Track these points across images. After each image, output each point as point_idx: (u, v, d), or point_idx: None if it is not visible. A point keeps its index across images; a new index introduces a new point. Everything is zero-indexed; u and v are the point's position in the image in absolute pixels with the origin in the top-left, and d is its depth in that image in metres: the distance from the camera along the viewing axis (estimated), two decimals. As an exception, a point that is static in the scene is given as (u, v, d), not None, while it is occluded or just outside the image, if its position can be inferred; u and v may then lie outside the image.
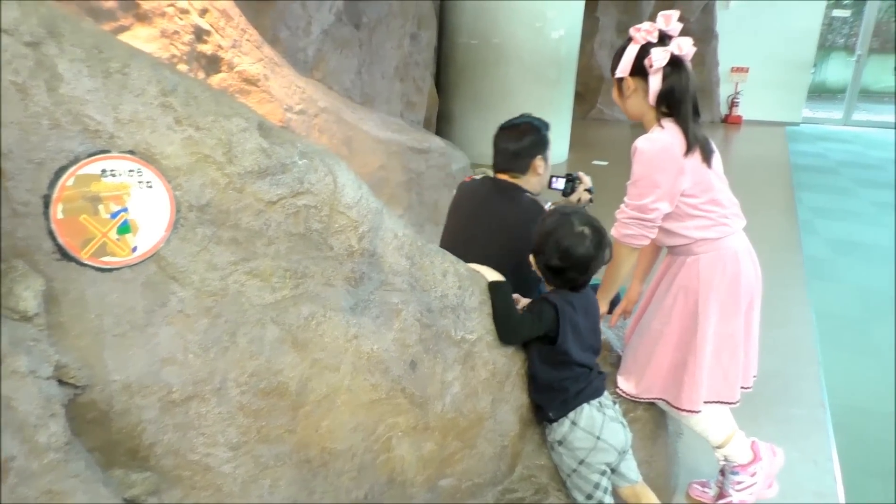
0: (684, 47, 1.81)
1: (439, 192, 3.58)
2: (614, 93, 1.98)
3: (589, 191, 2.46)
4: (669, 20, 1.83)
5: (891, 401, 2.93)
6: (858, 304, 4.09)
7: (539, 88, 7.11)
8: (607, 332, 2.34)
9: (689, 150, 1.79)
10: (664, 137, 1.81)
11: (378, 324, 1.46)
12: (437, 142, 3.50)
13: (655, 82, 1.82)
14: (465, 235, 2.23)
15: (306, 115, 2.95)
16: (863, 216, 6.08)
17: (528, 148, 2.23)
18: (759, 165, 8.09)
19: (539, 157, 2.24)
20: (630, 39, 1.86)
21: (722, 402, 1.97)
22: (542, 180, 2.30)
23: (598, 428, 1.77)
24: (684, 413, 1.97)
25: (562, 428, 1.79)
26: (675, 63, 1.80)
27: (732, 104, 11.17)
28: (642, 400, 2.06)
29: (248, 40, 2.72)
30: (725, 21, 10.81)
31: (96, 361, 1.11)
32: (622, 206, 1.90)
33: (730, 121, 11.14)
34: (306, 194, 1.32)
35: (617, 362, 2.18)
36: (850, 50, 13.23)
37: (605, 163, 7.71)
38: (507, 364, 1.83)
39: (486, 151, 2.35)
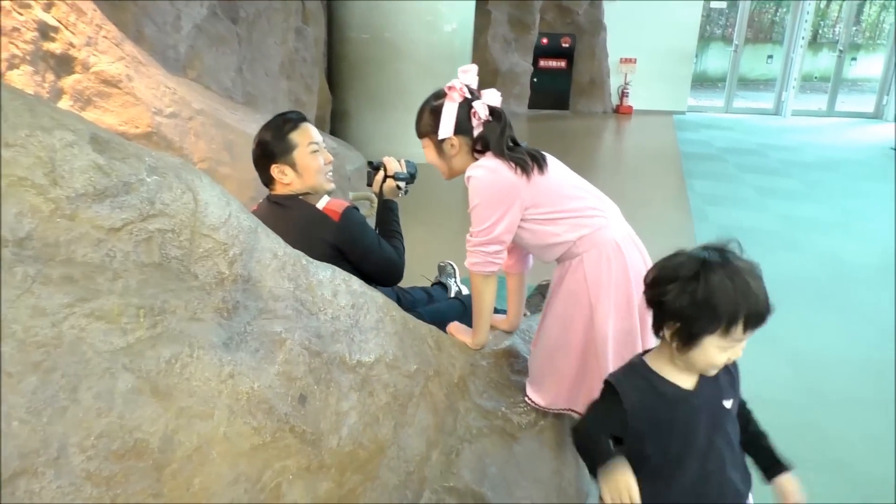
0: (495, 98, 1.84)
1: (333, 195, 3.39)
2: (431, 155, 1.93)
3: (395, 177, 2.30)
4: (468, 73, 1.86)
5: (787, 389, 3.02)
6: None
7: (434, 83, 6.91)
8: (514, 337, 2.26)
9: (516, 169, 1.79)
10: (491, 163, 1.81)
11: (258, 358, 1.28)
12: (327, 143, 3.30)
13: (478, 132, 1.83)
14: None
15: (179, 118, 2.69)
16: (748, 202, 6.36)
17: (258, 161, 2.14)
18: (651, 155, 8.35)
19: (274, 166, 2.11)
20: (442, 100, 1.84)
21: None
22: (311, 179, 2.15)
23: None
24: None
25: None
26: (493, 112, 1.82)
27: (623, 95, 11.53)
28: (552, 411, 1.99)
29: (105, 37, 2.44)
30: (613, 13, 11.12)
31: None
32: (468, 235, 1.86)
33: (621, 111, 11.49)
34: (159, 217, 1.12)
35: (524, 369, 2.11)
36: (727, 40, 13.96)
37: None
38: (409, 385, 1.70)
39: (383, 150, 2.23)
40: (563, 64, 11.20)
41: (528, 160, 1.80)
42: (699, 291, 1.28)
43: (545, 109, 11.24)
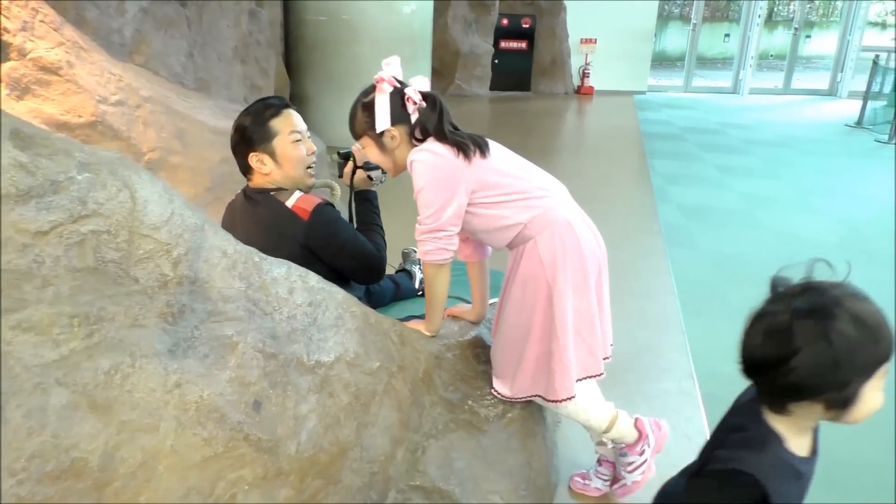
0: (424, 84, 1.83)
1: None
2: (373, 153, 1.87)
3: (366, 167, 2.16)
4: (391, 65, 1.83)
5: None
6: (713, 268, 4.26)
7: (395, 66, 6.88)
8: (481, 327, 2.21)
9: (458, 153, 1.76)
10: (433, 147, 1.77)
11: (208, 364, 1.21)
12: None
13: (415, 119, 1.79)
14: None
15: (126, 106, 2.56)
16: (709, 180, 6.42)
17: (235, 148, 2.02)
18: (613, 135, 8.37)
19: (252, 154, 1.99)
20: (372, 94, 1.80)
21: (590, 377, 1.91)
22: (292, 171, 2.03)
23: None
24: (562, 403, 1.89)
25: None
26: (425, 97, 1.79)
27: (584, 75, 11.52)
28: (518, 400, 1.96)
29: (42, 21, 2.29)
30: (573, -7, 11.07)
31: None
32: (417, 224, 1.82)
33: (582, 91, 11.49)
34: (93, 217, 1.04)
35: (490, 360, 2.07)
36: (685, 19, 14.04)
37: (467, 139, 7.63)
38: (371, 383, 1.64)
39: (344, 134, 2.13)
40: (523, 45, 11.14)
41: (469, 143, 1.77)
42: (835, 351, 1.05)
43: (507, 91, 11.18)
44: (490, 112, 9.92)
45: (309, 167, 2.08)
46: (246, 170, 2.04)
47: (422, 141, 1.81)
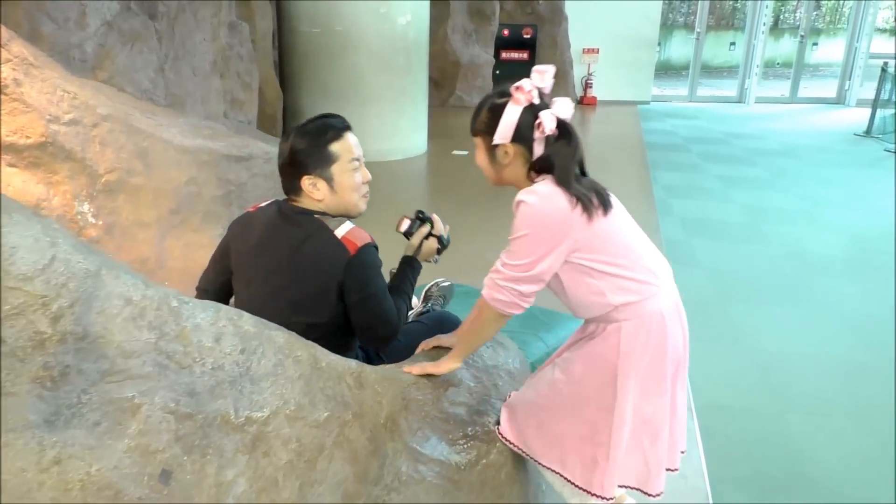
0: (567, 110, 1.60)
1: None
2: (480, 157, 1.67)
3: (440, 239, 2.05)
4: (544, 76, 1.58)
5: (751, 394, 2.84)
6: (714, 287, 4.06)
7: (389, 77, 6.76)
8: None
9: (577, 204, 1.53)
10: (547, 190, 1.54)
11: (99, 433, 1.03)
12: (259, 147, 3.04)
13: (540, 149, 1.58)
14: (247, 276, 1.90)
15: (81, 125, 2.41)
16: (712, 192, 6.22)
17: (286, 169, 1.85)
18: (616, 146, 8.19)
19: (306, 177, 1.81)
20: (506, 99, 1.57)
21: (641, 492, 1.69)
22: (347, 197, 1.87)
23: None
24: (591, 496, 1.67)
25: None
26: (561, 128, 1.58)
27: (587, 86, 11.36)
28: (520, 453, 1.79)
29: (-16, 37, 2.15)
30: (573, 3, 10.94)
31: None
32: (498, 265, 1.59)
33: (585, 102, 11.33)
34: (-59, 269, 0.87)
35: (466, 401, 1.89)
36: (689, 28, 13.87)
37: (466, 153, 7.50)
38: (318, 436, 1.46)
39: None
40: (525, 55, 10.99)
41: (592, 199, 1.54)
42: None
43: (508, 101, 11.02)
44: (490, 123, 9.75)
45: (364, 195, 1.94)
46: (292, 190, 1.87)
47: (539, 174, 1.60)
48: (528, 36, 10.89)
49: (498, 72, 10.81)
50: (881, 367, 3.09)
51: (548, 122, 1.54)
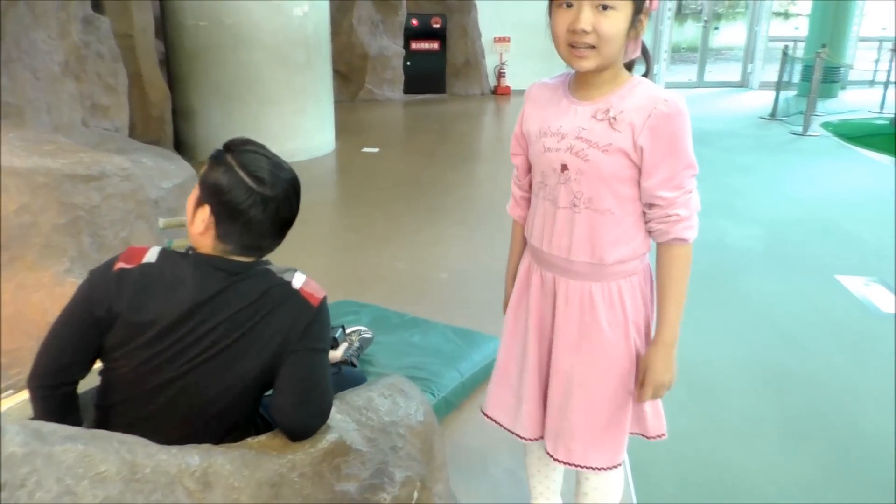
0: None
1: (130, 227, 2.68)
2: (616, 24, 1.34)
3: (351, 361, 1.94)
4: None
5: (675, 411, 2.62)
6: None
7: (287, 73, 6.30)
8: (343, 423, 1.66)
9: None
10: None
11: None
12: (116, 162, 2.58)
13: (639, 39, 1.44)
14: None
15: None
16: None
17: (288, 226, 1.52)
18: (529, 137, 7.98)
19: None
20: None
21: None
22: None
23: None
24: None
25: None
26: None
27: (500, 75, 11.16)
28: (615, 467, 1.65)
29: None
30: (482, -9, 10.67)
31: None
32: (679, 197, 1.43)
33: (499, 92, 11.13)
34: None
35: (354, 472, 1.55)
36: (598, 15, 13.89)
37: (377, 149, 7.13)
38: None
39: None
40: (435, 45, 10.67)
41: None
42: None
43: (421, 94, 10.69)
44: (404, 117, 9.41)
45: None
46: (268, 248, 1.50)
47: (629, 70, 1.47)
48: (438, 26, 10.56)
49: (409, 63, 10.44)
50: (810, 374, 2.94)
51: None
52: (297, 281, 1.45)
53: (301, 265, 1.63)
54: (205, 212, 1.38)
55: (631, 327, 1.56)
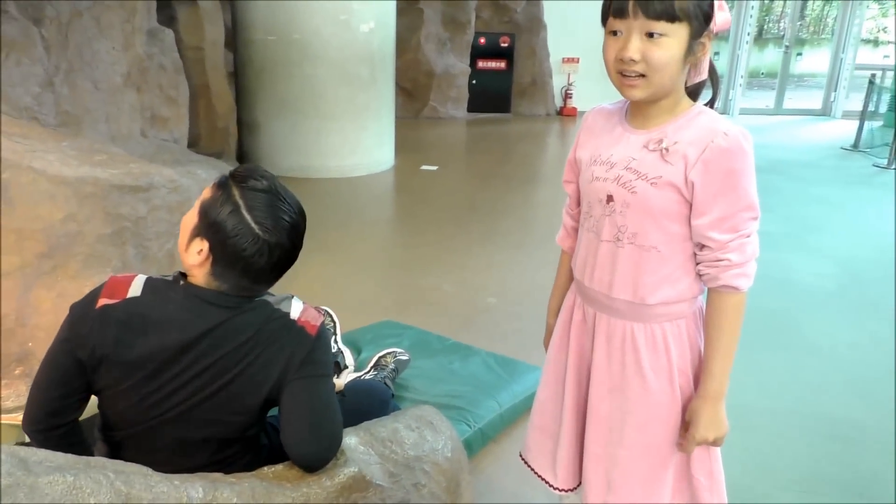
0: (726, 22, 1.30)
1: (175, 239, 2.69)
2: (670, 50, 1.25)
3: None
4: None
5: (730, 463, 2.42)
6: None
7: (351, 89, 6.34)
8: (364, 455, 1.57)
9: None
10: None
11: None
12: (165, 174, 2.60)
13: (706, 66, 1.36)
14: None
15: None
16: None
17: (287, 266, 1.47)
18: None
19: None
20: None
21: None
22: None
23: None
24: None
25: None
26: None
27: (566, 96, 11.01)
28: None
29: None
30: (552, 11, 10.58)
31: None
32: (732, 241, 1.29)
33: (565, 113, 10.98)
34: None
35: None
36: (672, 38, 13.57)
37: (435, 167, 7.09)
38: None
39: (295, 163, 1.53)
40: (502, 64, 10.62)
41: None
42: None
43: (485, 113, 10.64)
44: (466, 135, 9.37)
45: None
46: (261, 290, 1.43)
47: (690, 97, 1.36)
48: (506, 45, 10.51)
49: (474, 81, 10.43)
50: (883, 432, 2.68)
51: (723, 21, 1.27)
52: (295, 311, 1.38)
53: (348, 282, 1.57)
54: (203, 245, 1.29)
55: (675, 373, 1.43)
